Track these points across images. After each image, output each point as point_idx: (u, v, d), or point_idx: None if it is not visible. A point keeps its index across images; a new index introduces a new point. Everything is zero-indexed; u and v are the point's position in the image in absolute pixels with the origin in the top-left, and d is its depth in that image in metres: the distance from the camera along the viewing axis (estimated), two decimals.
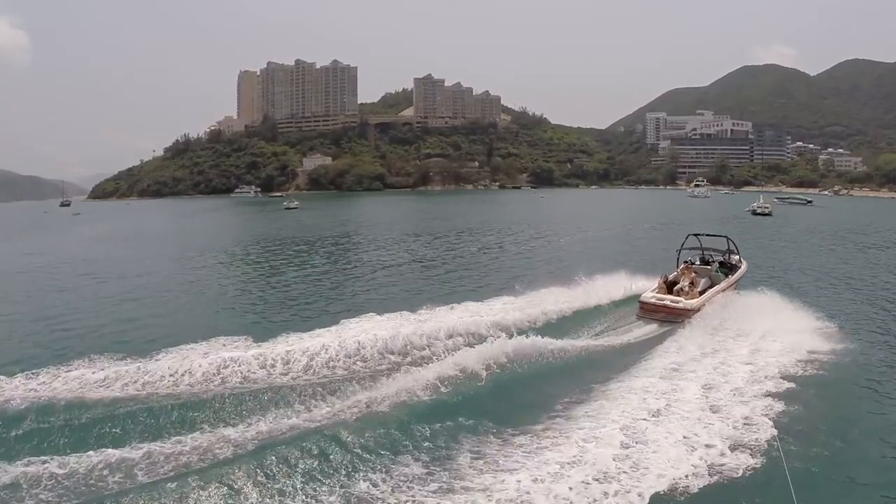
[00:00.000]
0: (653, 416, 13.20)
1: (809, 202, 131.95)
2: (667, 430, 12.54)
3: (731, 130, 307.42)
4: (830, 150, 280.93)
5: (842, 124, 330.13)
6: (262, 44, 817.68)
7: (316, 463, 11.06)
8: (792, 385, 15.16)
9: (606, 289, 24.95)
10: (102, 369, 15.53)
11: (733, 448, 11.90)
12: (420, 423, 12.69)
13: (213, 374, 15.37)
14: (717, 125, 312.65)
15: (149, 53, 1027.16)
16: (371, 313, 21.72)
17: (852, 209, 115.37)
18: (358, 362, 16.65)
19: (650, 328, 20.98)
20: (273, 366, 16.09)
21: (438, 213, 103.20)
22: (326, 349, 17.00)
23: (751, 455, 11.65)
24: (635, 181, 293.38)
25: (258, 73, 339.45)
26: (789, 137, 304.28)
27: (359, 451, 11.54)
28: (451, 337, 18.52)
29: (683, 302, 21.86)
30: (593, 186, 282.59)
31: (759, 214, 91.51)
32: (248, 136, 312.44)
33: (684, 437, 12.23)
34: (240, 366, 15.89)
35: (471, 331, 19.02)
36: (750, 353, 17.57)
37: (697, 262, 26.31)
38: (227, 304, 28.19)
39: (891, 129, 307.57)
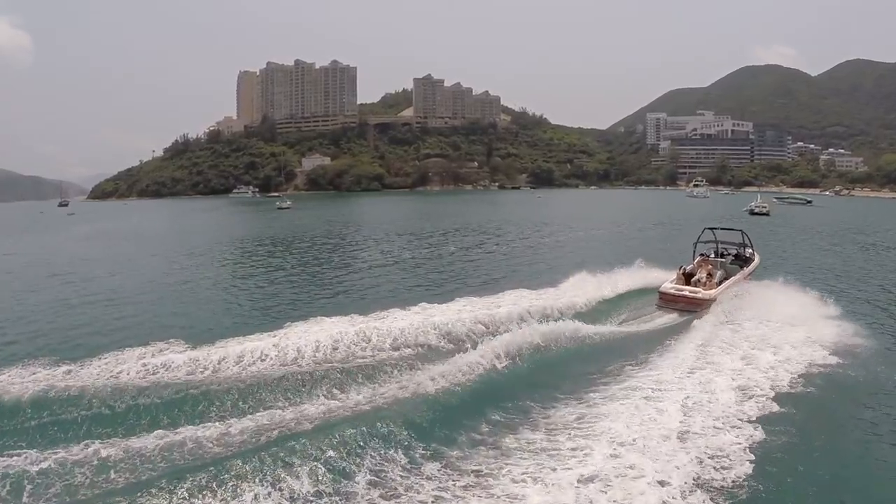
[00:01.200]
0: (689, 399, 13.69)
1: (809, 202, 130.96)
2: (708, 410, 13.15)
3: (732, 131, 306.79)
4: (831, 150, 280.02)
5: (843, 124, 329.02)
6: (263, 44, 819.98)
7: (350, 448, 11.08)
8: (817, 369, 15.94)
9: (622, 280, 26.05)
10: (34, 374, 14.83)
11: (768, 422, 12.64)
12: (462, 405, 13.19)
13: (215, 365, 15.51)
14: (718, 125, 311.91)
15: (149, 53, 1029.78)
16: (396, 306, 21.96)
17: (852, 209, 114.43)
18: (390, 350, 17.14)
19: (671, 317, 21.83)
20: (304, 353, 16.39)
21: (428, 213, 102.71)
22: (364, 335, 17.71)
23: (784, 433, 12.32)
24: (635, 181, 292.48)
25: (258, 74, 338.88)
26: (790, 138, 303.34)
27: (396, 431, 11.74)
28: (476, 324, 19.30)
29: (702, 292, 22.76)
30: (592, 187, 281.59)
31: (756, 214, 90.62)
32: (246, 136, 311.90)
33: (723, 416, 12.88)
34: (262, 357, 16.04)
35: (495, 321, 19.74)
36: (770, 338, 18.43)
37: (712, 255, 27.14)
38: (186, 304, 27.31)
39: (892, 129, 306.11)
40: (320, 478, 10.17)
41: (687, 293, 22.81)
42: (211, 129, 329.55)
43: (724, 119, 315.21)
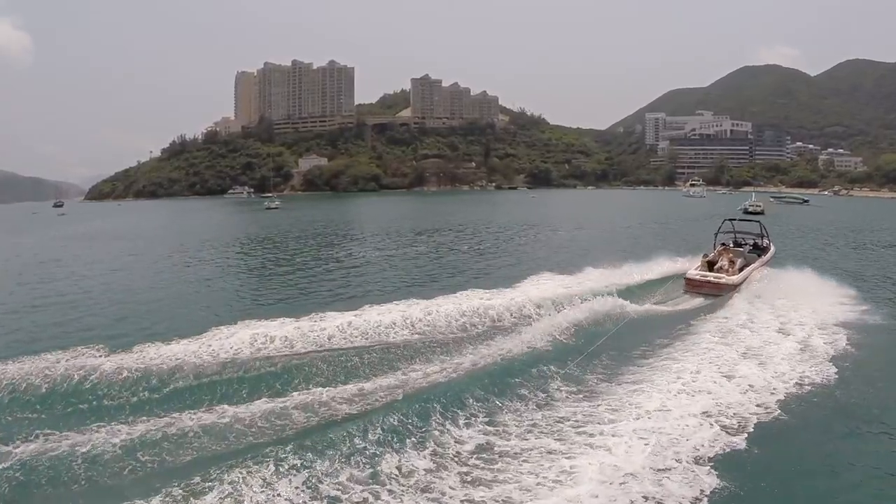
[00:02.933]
0: (726, 368, 15.35)
1: (806, 201, 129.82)
2: (744, 376, 14.81)
3: (731, 131, 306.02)
4: (830, 150, 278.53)
5: (842, 124, 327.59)
6: (262, 44, 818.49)
7: (416, 418, 12.11)
8: (837, 345, 17.33)
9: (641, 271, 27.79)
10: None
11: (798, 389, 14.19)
12: (522, 375, 14.63)
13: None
14: (717, 125, 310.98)
15: (149, 53, 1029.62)
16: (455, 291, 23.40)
17: (850, 209, 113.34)
18: (457, 330, 18.66)
19: (698, 300, 23.89)
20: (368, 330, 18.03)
21: (417, 213, 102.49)
22: (431, 313, 19.47)
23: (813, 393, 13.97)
24: (633, 182, 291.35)
25: (255, 74, 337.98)
26: (789, 138, 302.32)
27: (471, 399, 13.16)
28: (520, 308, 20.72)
29: (725, 278, 24.91)
30: (590, 187, 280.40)
31: (750, 213, 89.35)
32: (244, 136, 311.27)
33: (750, 386, 14.27)
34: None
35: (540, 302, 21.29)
36: (794, 316, 20.30)
37: (731, 245, 29.58)
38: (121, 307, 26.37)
39: (892, 129, 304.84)
40: (397, 437, 11.38)
41: (711, 279, 25.01)
42: (208, 129, 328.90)
43: (722, 119, 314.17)
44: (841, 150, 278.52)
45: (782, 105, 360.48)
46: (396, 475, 10.29)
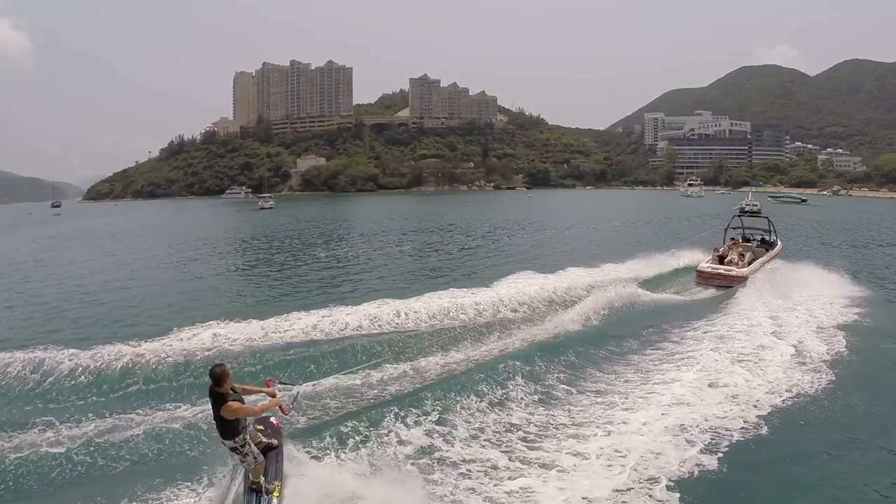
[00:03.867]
0: (742, 353, 16.27)
1: (804, 201, 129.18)
2: (759, 358, 15.89)
3: (730, 131, 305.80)
4: (829, 150, 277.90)
5: (842, 125, 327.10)
6: (261, 44, 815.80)
7: (475, 394, 13.10)
8: (846, 329, 18.57)
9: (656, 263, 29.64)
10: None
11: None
12: (572, 353, 15.96)
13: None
14: (716, 125, 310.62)
15: (149, 54, 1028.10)
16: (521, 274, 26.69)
17: (848, 208, 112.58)
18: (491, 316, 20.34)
19: (709, 292, 25.22)
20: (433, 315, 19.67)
21: (409, 213, 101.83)
22: (479, 303, 21.04)
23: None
24: (632, 182, 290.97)
25: (254, 74, 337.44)
26: (788, 137, 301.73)
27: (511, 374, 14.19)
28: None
29: (735, 270, 26.45)
30: (588, 187, 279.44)
31: (747, 212, 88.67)
32: (242, 137, 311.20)
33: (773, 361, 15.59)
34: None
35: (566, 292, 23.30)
36: (804, 302, 21.84)
37: (740, 240, 31.02)
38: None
39: (891, 129, 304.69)
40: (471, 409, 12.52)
41: (722, 271, 26.55)
42: (207, 129, 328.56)
43: (721, 119, 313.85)
44: (840, 150, 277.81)
45: (781, 105, 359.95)
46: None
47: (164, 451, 10.89)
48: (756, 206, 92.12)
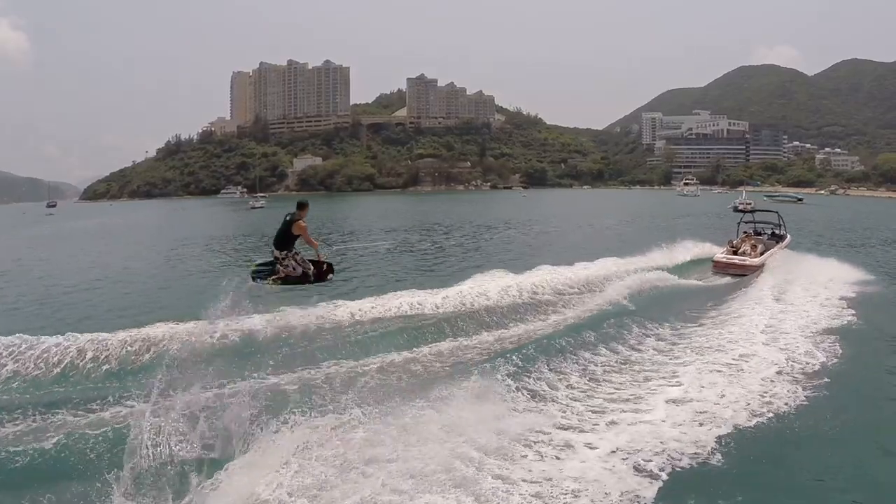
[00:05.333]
0: (765, 326, 17.84)
1: (800, 200, 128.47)
2: (782, 334, 17.09)
3: (728, 130, 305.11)
4: (827, 149, 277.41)
5: (840, 124, 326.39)
6: (261, 44, 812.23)
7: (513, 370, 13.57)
8: (850, 313, 19.63)
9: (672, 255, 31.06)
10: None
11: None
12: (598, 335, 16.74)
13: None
14: (714, 125, 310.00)
15: (148, 54, 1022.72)
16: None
17: (844, 208, 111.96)
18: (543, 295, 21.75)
19: (725, 280, 27.04)
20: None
21: (398, 213, 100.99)
22: (508, 288, 21.83)
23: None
24: (629, 181, 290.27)
25: (251, 74, 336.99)
26: (786, 137, 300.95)
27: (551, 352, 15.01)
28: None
29: (749, 260, 28.41)
30: (585, 187, 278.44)
31: (740, 211, 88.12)
32: (239, 136, 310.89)
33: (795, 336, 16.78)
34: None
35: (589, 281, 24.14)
36: (810, 290, 23.12)
37: (752, 233, 32.75)
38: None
39: (889, 128, 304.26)
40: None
41: (737, 261, 28.44)
42: (204, 129, 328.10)
43: (719, 119, 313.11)
44: (838, 150, 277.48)
45: (780, 105, 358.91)
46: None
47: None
48: (749, 204, 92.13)
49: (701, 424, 11.18)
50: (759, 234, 33.89)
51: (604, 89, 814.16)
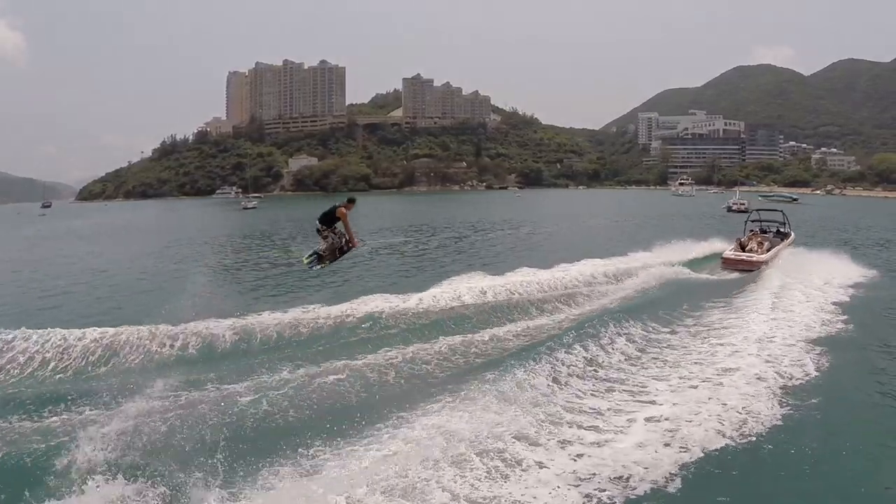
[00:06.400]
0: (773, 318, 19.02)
1: (795, 200, 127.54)
2: (788, 324, 18.34)
3: (723, 130, 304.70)
4: (823, 149, 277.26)
5: (836, 124, 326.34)
6: (258, 43, 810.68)
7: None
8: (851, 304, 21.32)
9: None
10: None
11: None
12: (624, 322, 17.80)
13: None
14: (709, 125, 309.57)
15: (147, 54, 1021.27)
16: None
17: (839, 207, 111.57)
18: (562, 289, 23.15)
19: (735, 275, 28.07)
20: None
21: (387, 213, 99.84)
22: (539, 282, 23.55)
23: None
24: (625, 181, 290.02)
25: (247, 74, 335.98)
26: (782, 137, 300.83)
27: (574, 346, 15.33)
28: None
29: (756, 257, 29.80)
30: (581, 187, 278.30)
31: (734, 211, 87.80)
32: (234, 136, 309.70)
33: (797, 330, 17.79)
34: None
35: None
36: (814, 282, 24.75)
37: (758, 231, 35.06)
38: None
39: (885, 128, 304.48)
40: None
41: (744, 257, 29.86)
42: (199, 129, 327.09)
43: (715, 119, 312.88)
44: (834, 150, 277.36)
45: (776, 105, 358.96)
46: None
47: None
48: (744, 204, 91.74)
49: (667, 445, 10.39)
50: (765, 232, 35.58)
51: (600, 89, 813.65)
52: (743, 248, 31.61)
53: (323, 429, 10.83)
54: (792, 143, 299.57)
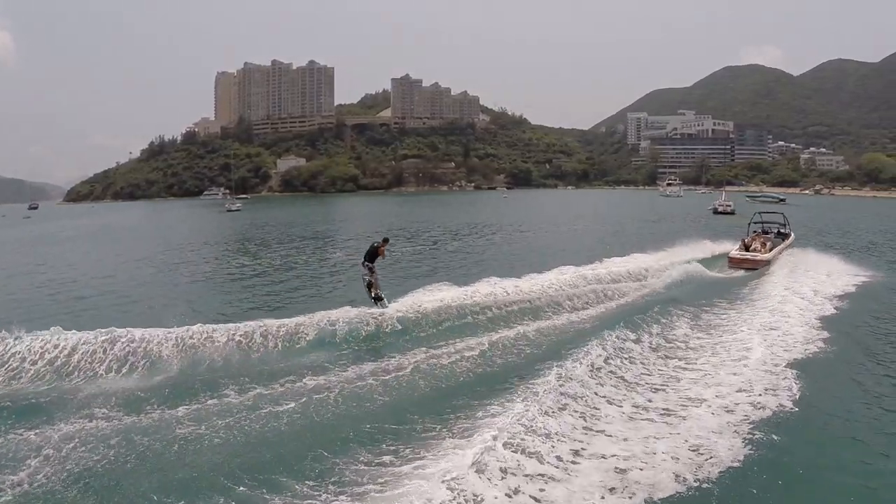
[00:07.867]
0: (775, 309, 20.45)
1: (782, 200, 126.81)
2: (787, 318, 19.20)
3: (712, 130, 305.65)
4: (812, 149, 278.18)
5: (824, 124, 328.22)
6: (246, 43, 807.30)
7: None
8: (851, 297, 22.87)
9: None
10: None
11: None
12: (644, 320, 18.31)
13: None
14: (698, 125, 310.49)
15: (137, 54, 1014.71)
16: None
17: (827, 207, 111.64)
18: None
19: (740, 273, 29.52)
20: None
21: (373, 215, 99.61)
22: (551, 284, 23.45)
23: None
24: (614, 181, 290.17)
25: (235, 74, 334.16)
26: (770, 137, 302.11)
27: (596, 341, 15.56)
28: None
29: (760, 256, 31.39)
30: (569, 187, 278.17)
31: (720, 213, 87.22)
32: (222, 137, 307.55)
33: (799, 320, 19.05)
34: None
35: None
36: (815, 280, 26.01)
37: (761, 232, 37.16)
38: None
39: (873, 128, 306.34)
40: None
41: (749, 257, 31.40)
42: (188, 130, 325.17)
43: (704, 119, 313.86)
44: (823, 150, 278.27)
45: (765, 105, 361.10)
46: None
47: None
48: (729, 206, 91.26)
49: (612, 491, 8.77)
50: (767, 232, 37.64)
51: (589, 89, 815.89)
52: (747, 248, 33.16)
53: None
54: (781, 143, 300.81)
